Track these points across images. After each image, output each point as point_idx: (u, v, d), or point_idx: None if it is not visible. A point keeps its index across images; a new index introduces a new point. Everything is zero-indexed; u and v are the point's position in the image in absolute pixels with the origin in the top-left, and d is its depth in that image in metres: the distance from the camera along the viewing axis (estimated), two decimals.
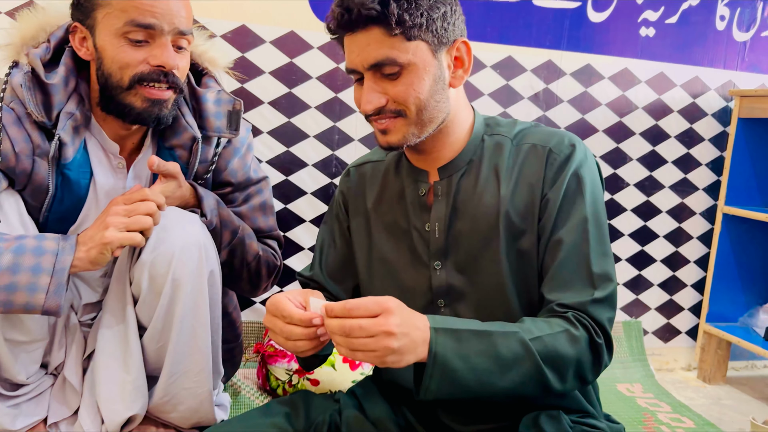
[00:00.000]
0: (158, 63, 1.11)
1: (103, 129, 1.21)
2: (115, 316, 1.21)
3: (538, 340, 0.85)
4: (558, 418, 0.92)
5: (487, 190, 0.97)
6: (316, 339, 0.85)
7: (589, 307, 0.90)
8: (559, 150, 0.95)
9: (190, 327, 1.18)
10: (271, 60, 1.76)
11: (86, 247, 1.07)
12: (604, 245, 0.94)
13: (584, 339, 0.88)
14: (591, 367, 0.90)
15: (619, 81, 2.03)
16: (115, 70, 1.11)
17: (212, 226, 1.23)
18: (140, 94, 1.12)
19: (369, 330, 0.77)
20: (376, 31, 0.88)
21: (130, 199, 1.10)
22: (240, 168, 1.35)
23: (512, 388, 0.85)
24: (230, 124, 1.28)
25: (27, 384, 1.22)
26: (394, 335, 0.77)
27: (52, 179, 1.14)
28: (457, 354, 0.82)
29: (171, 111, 1.17)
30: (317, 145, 1.83)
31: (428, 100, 0.92)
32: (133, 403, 1.21)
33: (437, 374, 0.82)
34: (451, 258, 0.99)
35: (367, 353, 0.78)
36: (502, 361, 0.84)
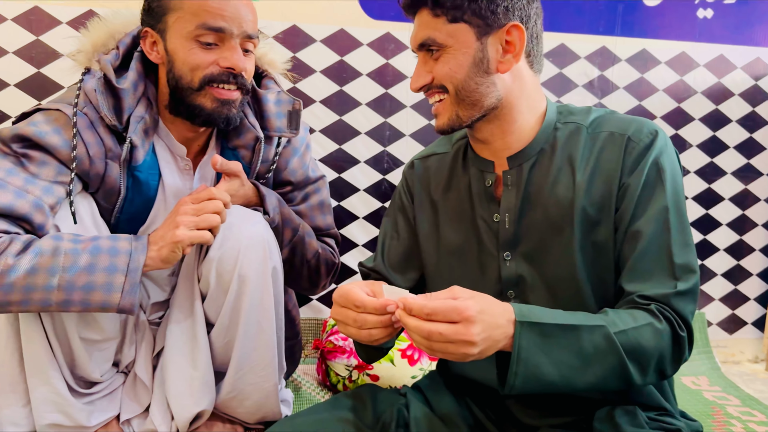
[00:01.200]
0: (228, 65, 1.14)
1: (171, 132, 1.24)
2: (183, 312, 1.24)
3: (622, 333, 0.83)
4: (634, 413, 0.90)
5: (561, 180, 0.95)
6: (390, 326, 0.84)
7: (673, 299, 0.87)
8: (638, 138, 0.92)
9: (256, 322, 1.20)
10: (322, 58, 1.77)
11: (158, 246, 1.09)
12: (686, 236, 0.91)
13: (667, 333, 0.86)
14: (671, 360, 0.88)
15: (676, 65, 1.96)
16: (186, 71, 1.14)
17: (274, 223, 1.24)
18: (210, 94, 1.15)
19: (449, 337, 0.76)
20: (424, 13, 0.94)
21: (197, 198, 1.12)
22: (299, 167, 1.37)
23: (594, 382, 0.83)
24: (290, 124, 1.31)
25: (101, 381, 1.25)
26: (474, 344, 0.76)
27: (123, 181, 1.17)
28: (541, 350, 0.81)
29: (238, 112, 1.20)
30: (369, 141, 1.83)
31: (466, 81, 0.92)
32: (201, 399, 1.23)
33: (522, 371, 0.81)
34: (520, 249, 0.97)
35: (447, 354, 0.78)
36: (586, 355, 0.82)
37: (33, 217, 1.05)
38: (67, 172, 1.11)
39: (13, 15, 1.61)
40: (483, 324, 0.77)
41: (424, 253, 1.08)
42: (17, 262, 1.00)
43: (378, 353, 1.04)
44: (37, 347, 1.13)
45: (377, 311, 0.82)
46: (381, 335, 0.84)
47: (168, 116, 1.22)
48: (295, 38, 1.74)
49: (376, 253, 1.15)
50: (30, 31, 1.63)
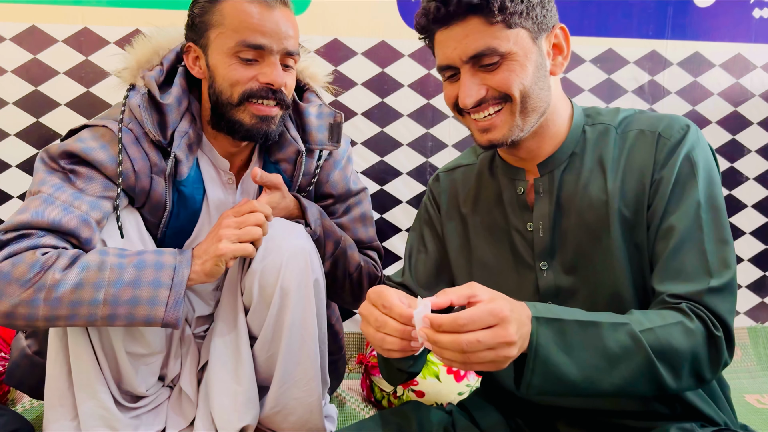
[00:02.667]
0: (267, 81, 1.13)
1: (214, 146, 1.25)
2: (227, 325, 1.23)
3: (649, 332, 0.78)
4: (691, 430, 0.84)
5: (593, 183, 0.91)
6: (407, 341, 0.77)
7: (706, 296, 0.81)
8: (669, 133, 0.89)
9: (299, 335, 1.19)
10: (363, 71, 1.76)
11: (201, 260, 1.09)
12: (722, 232, 0.86)
13: (700, 332, 0.80)
14: (708, 363, 0.81)
15: (731, 68, 1.88)
16: (225, 87, 1.15)
17: (316, 235, 1.23)
18: (249, 110, 1.15)
19: (488, 343, 0.70)
20: (475, 21, 0.86)
21: (239, 212, 1.12)
22: (340, 180, 1.36)
23: (621, 384, 0.77)
24: (332, 137, 1.30)
25: (146, 396, 1.26)
26: (514, 344, 0.71)
27: (169, 196, 1.18)
28: (560, 347, 0.76)
29: (278, 127, 1.20)
30: (410, 153, 1.81)
31: (532, 88, 0.88)
32: (245, 413, 1.22)
33: (539, 369, 0.75)
34: (558, 257, 0.93)
35: (485, 364, 0.72)
36: (610, 354, 0.77)
37: (80, 231, 1.06)
38: (114, 188, 1.12)
39: (64, 36, 1.66)
40: (517, 322, 0.72)
41: (456, 268, 1.05)
42: (64, 276, 1.01)
43: (399, 375, 0.98)
44: (85, 362, 1.14)
45: (401, 318, 0.76)
46: (395, 346, 0.77)
47: (211, 131, 1.23)
48: (336, 51, 1.75)
49: (404, 268, 1.12)
50: (80, 51, 1.67)
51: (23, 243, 1.02)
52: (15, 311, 1.00)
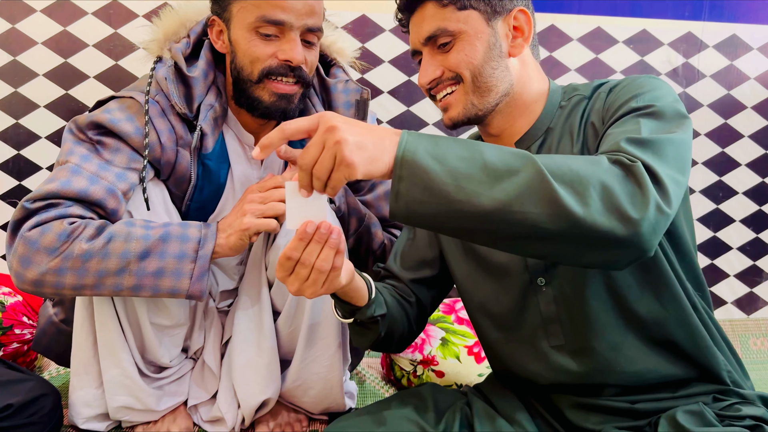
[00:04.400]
0: (286, 57, 1.12)
1: (239, 121, 1.24)
2: (250, 299, 1.24)
3: (544, 157, 0.71)
4: (700, 412, 0.82)
5: (562, 151, 0.93)
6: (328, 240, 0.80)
7: (623, 143, 0.74)
8: (622, 83, 0.90)
9: (321, 310, 1.20)
10: (391, 48, 1.74)
11: (226, 234, 1.10)
12: (666, 127, 0.78)
13: (607, 162, 0.71)
14: (628, 197, 0.68)
15: None
16: (246, 63, 1.14)
17: (340, 212, 1.23)
18: (268, 88, 1.14)
19: (316, 143, 0.71)
20: (429, 6, 0.93)
21: (264, 187, 1.12)
22: None
23: (504, 200, 0.68)
24: (358, 113, 1.28)
25: (170, 367, 1.28)
26: (336, 128, 0.69)
27: (194, 169, 1.18)
28: (431, 155, 0.69)
29: (298, 105, 1.19)
30: (437, 132, 1.79)
31: (483, 66, 0.92)
32: (266, 387, 1.24)
33: (406, 174, 0.69)
34: None
35: (325, 166, 0.70)
36: (490, 168, 0.69)
37: (106, 202, 1.07)
38: (140, 159, 1.12)
39: (93, 9, 1.67)
40: (347, 123, 0.71)
41: (444, 248, 1.07)
42: (91, 246, 1.02)
43: (365, 333, 1.00)
44: (110, 331, 1.16)
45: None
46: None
47: (235, 106, 1.22)
48: (364, 28, 1.73)
49: (390, 255, 1.15)
50: (109, 24, 1.68)
51: (51, 212, 1.03)
52: (43, 279, 1.02)
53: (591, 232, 0.68)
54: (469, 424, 0.95)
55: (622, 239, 0.68)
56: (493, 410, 0.98)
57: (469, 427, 0.95)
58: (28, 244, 1.01)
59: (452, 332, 1.57)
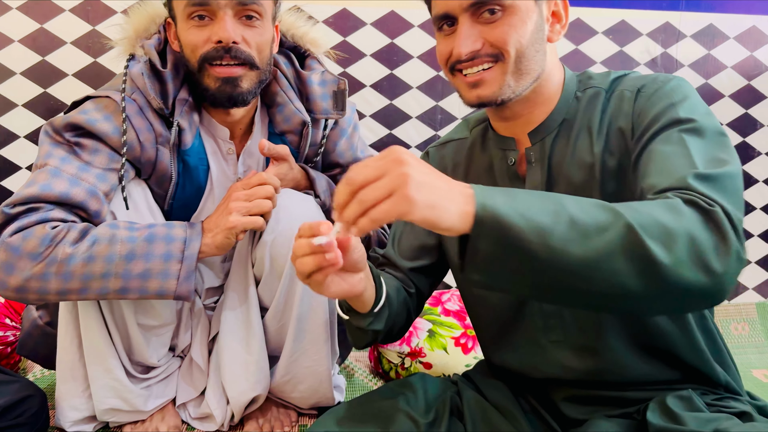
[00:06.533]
0: (217, 39, 1.09)
1: (211, 116, 1.23)
2: (238, 297, 1.24)
3: (626, 207, 0.66)
4: (689, 398, 0.82)
5: (581, 147, 0.88)
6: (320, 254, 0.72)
7: (693, 181, 0.70)
8: (651, 85, 0.86)
9: (309, 306, 1.19)
10: (372, 42, 1.74)
11: (212, 233, 1.09)
12: (714, 151, 0.76)
13: (690, 211, 0.66)
14: (713, 248, 0.65)
15: (746, 40, 1.85)
16: (189, 54, 1.12)
17: (326, 206, 1.23)
18: (211, 74, 1.11)
19: (376, 167, 0.62)
20: None
21: (248, 184, 1.11)
22: (347, 148, 1.34)
23: (596, 257, 0.63)
24: (336, 105, 1.27)
25: (157, 366, 1.27)
26: (405, 162, 0.62)
27: (174, 166, 1.17)
28: (513, 209, 0.63)
29: (251, 90, 1.15)
30: (420, 126, 1.80)
31: (528, 47, 0.84)
32: (256, 383, 1.24)
33: (487, 231, 0.63)
34: None
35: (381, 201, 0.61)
36: (579, 225, 0.64)
37: (88, 204, 1.06)
38: (119, 159, 1.11)
39: (71, 6, 1.64)
40: (418, 161, 0.63)
41: (447, 241, 1.04)
42: (75, 250, 1.01)
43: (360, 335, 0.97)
44: (96, 334, 1.15)
45: (309, 231, 0.73)
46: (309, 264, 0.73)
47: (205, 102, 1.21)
48: (345, 22, 1.72)
49: (389, 241, 1.11)
50: (87, 21, 1.65)
51: (32, 217, 1.01)
52: (27, 285, 1.01)
53: (676, 286, 0.64)
54: (459, 413, 0.95)
55: (705, 291, 0.65)
56: (483, 399, 0.98)
57: (459, 416, 0.95)
58: (10, 251, 1.00)
59: (439, 324, 1.58)
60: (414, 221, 0.61)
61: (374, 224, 0.62)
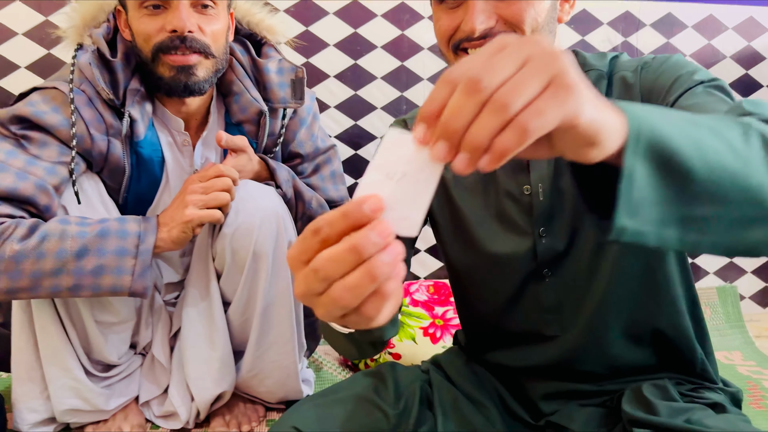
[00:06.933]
0: (171, 27, 1.07)
1: (167, 106, 1.20)
2: (199, 292, 1.21)
3: (729, 118, 0.56)
4: (664, 387, 0.83)
5: None
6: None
7: (746, 105, 0.61)
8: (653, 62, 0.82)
9: (273, 298, 1.18)
10: (335, 32, 1.72)
11: (168, 228, 1.07)
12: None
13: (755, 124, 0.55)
14: None
15: (703, 29, 1.88)
16: (142, 44, 1.10)
17: (287, 197, 1.21)
18: (165, 63, 1.09)
19: (510, 53, 0.40)
20: None
21: (205, 176, 1.09)
22: (307, 138, 1.33)
23: (745, 172, 0.51)
24: (294, 94, 1.25)
25: (118, 364, 1.24)
26: (541, 42, 0.41)
27: (127, 158, 1.14)
28: (662, 119, 0.49)
29: (207, 79, 1.13)
30: (385, 116, 1.79)
31: (544, 27, 0.77)
32: (221, 380, 1.22)
33: (644, 146, 0.46)
34: (556, 221, 0.85)
35: (527, 87, 0.39)
36: (722, 136, 0.51)
37: (37, 199, 1.02)
38: (69, 152, 1.08)
39: None
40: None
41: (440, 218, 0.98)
42: (23, 247, 0.98)
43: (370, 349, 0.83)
44: (52, 333, 1.12)
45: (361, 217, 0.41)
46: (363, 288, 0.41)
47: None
48: (307, 11, 1.70)
49: None
50: (39, 11, 1.60)
51: None
52: None
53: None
54: (429, 403, 0.93)
55: None
56: (453, 388, 0.96)
57: (429, 405, 0.93)
58: None
59: (407, 314, 1.58)
60: (579, 126, 0.41)
61: (525, 139, 0.39)
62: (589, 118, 0.42)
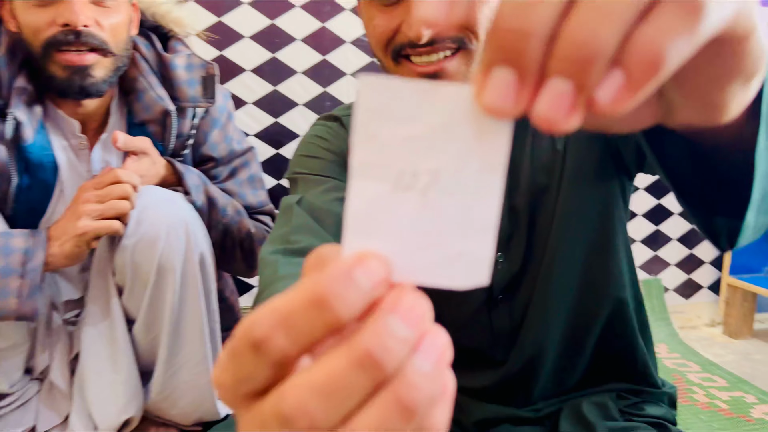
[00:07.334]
0: (63, 21, 0.97)
1: (60, 107, 1.09)
2: (99, 310, 1.12)
3: None
4: (604, 405, 0.79)
5: (540, 145, 0.75)
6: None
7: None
8: None
9: (183, 314, 1.10)
10: (251, 23, 1.62)
11: (59, 242, 0.97)
12: None
13: None
14: None
15: None
16: (30, 37, 1.00)
17: (197, 204, 1.13)
18: (58, 62, 1.00)
19: None
20: None
21: (100, 183, 0.99)
22: (221, 140, 1.24)
23: None
24: (205, 92, 1.17)
25: (10, 393, 1.13)
26: None
27: (13, 165, 1.03)
28: None
29: (106, 79, 1.04)
30: (308, 113, 1.71)
31: None
32: (127, 405, 1.13)
33: None
34: (513, 244, 0.77)
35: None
36: None
37: None
38: None
39: None
40: None
41: None
42: None
43: None
44: None
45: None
46: None
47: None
48: (219, 1, 1.59)
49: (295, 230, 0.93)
50: None
51: None
52: None
53: None
54: None
55: None
56: None
57: None
58: None
59: None
60: (747, 41, 0.26)
61: (662, 69, 0.22)
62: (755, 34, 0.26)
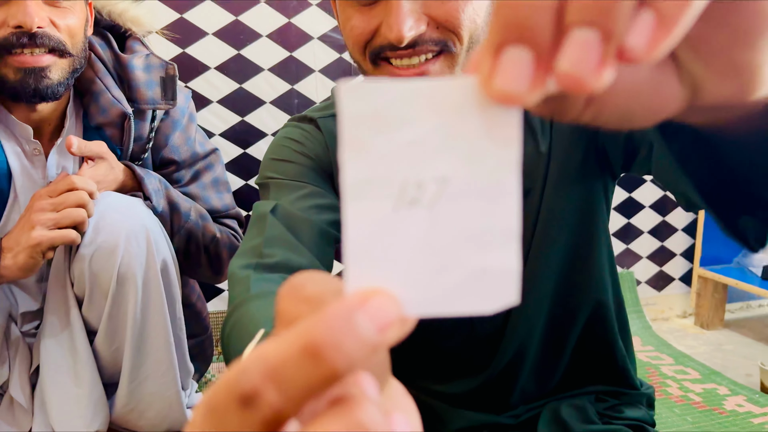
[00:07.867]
0: (16, 23, 0.93)
1: (12, 111, 1.04)
2: (58, 322, 1.08)
3: None
4: (582, 407, 0.78)
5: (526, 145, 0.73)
6: None
7: None
8: None
9: (146, 323, 1.06)
10: (214, 19, 1.58)
11: (12, 253, 0.93)
12: None
13: None
14: None
15: None
16: None
17: (159, 209, 1.09)
18: (10, 64, 0.95)
19: None
20: None
21: (55, 191, 0.95)
22: (183, 142, 1.20)
23: None
24: (165, 93, 1.12)
25: None
26: None
27: None
28: None
29: (62, 82, 1.00)
30: (275, 111, 1.67)
31: (483, 33, 0.64)
32: (92, 419, 1.08)
33: None
34: None
35: None
36: None
37: None
38: None
39: None
40: None
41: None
42: None
43: None
44: None
45: None
46: None
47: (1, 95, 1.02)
48: None
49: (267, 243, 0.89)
50: None
51: None
52: None
53: None
54: None
55: None
56: None
57: None
58: None
59: None
60: None
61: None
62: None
